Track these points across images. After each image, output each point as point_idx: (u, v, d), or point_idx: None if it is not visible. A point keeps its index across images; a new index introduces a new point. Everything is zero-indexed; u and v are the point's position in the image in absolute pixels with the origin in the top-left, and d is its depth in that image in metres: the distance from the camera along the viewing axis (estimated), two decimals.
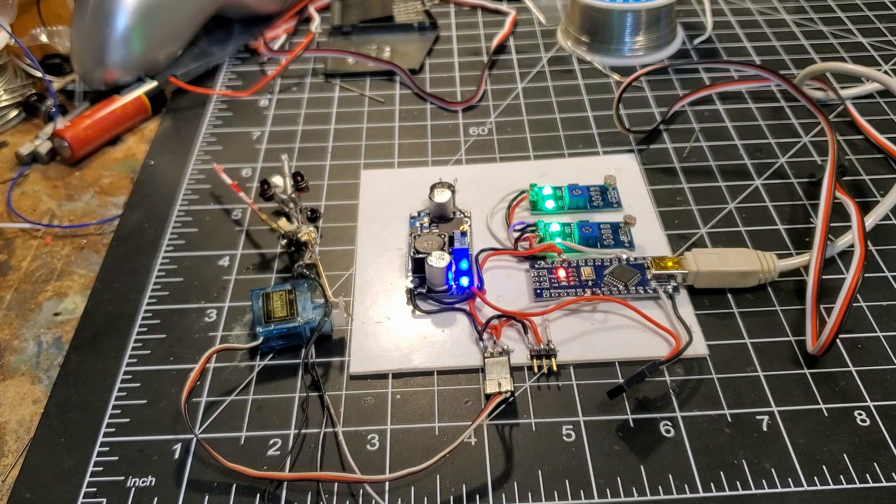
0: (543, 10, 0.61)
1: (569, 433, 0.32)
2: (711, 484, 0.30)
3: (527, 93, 0.52)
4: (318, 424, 0.32)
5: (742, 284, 0.37)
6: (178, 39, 0.55)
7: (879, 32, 0.57)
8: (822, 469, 0.30)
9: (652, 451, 0.31)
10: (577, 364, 0.34)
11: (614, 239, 0.39)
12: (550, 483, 0.30)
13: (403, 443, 0.32)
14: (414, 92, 0.53)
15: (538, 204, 0.42)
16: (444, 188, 0.41)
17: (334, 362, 0.35)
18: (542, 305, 0.36)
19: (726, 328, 0.35)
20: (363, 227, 0.42)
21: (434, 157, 0.47)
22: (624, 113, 0.49)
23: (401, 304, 0.37)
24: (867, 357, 0.34)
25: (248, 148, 0.49)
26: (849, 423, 0.31)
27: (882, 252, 0.39)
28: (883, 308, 0.36)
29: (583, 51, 0.56)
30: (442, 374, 0.34)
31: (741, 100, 0.50)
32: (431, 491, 0.30)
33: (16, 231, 0.45)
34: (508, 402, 0.33)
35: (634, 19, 0.54)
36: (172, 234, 0.42)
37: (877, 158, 0.45)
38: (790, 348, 0.34)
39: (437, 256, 0.36)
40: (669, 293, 0.37)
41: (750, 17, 0.59)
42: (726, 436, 0.31)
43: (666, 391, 0.33)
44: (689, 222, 0.41)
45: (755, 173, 0.44)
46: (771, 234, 0.40)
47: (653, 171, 0.45)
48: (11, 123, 0.53)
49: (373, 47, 0.57)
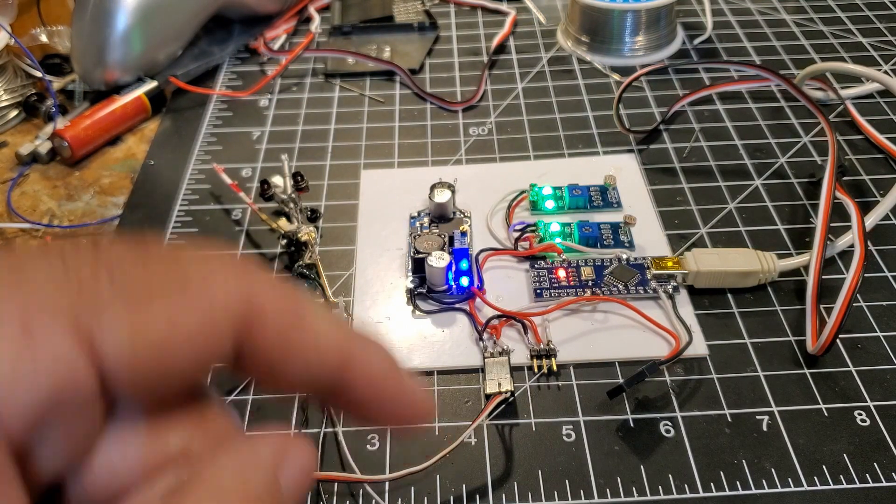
0: (543, 10, 0.61)
1: (569, 433, 0.32)
2: (711, 484, 0.30)
3: (527, 93, 0.52)
4: (318, 424, 0.32)
5: (742, 284, 0.37)
6: (178, 39, 0.55)
7: (879, 32, 0.57)
8: (822, 469, 0.30)
9: (652, 451, 0.31)
10: (577, 364, 0.34)
11: (614, 239, 0.39)
12: (550, 483, 0.30)
13: (403, 443, 0.32)
14: (414, 92, 0.53)
15: (538, 204, 0.42)
16: (444, 188, 0.41)
17: None
18: (542, 305, 0.36)
19: (726, 328, 0.35)
20: (363, 227, 0.42)
21: (434, 157, 0.47)
22: (624, 113, 0.49)
23: (401, 304, 0.37)
24: (867, 357, 0.34)
25: (248, 148, 0.49)
26: (849, 423, 0.31)
27: (882, 252, 0.39)
28: (883, 308, 0.36)
29: (583, 51, 0.56)
30: (442, 373, 0.34)
31: (741, 100, 0.50)
32: (431, 491, 0.30)
33: (16, 231, 0.45)
34: (508, 402, 0.33)
35: (634, 19, 0.54)
36: (172, 234, 0.42)
37: (877, 158, 0.45)
38: (790, 348, 0.34)
39: (437, 256, 0.36)
40: (669, 293, 0.37)
41: (750, 17, 0.59)
42: (726, 436, 0.31)
43: (666, 391, 0.33)
44: (689, 222, 0.41)
45: (755, 173, 0.44)
46: (771, 234, 0.40)
47: (653, 171, 0.45)
48: (11, 123, 0.53)
49: (373, 47, 0.57)
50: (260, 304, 0.15)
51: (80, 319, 0.13)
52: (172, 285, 0.14)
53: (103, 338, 0.13)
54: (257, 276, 0.16)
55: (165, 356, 0.14)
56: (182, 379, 0.15)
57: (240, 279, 0.15)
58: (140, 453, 0.15)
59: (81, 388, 0.14)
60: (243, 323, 0.15)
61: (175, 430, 0.15)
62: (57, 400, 0.13)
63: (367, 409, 0.17)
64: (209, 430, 0.15)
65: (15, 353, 0.13)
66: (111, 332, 0.13)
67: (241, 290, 0.15)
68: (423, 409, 0.18)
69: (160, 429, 0.15)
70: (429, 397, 0.18)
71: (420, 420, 0.18)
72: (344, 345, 0.16)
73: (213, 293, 0.15)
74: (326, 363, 0.16)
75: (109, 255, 0.14)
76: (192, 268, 0.15)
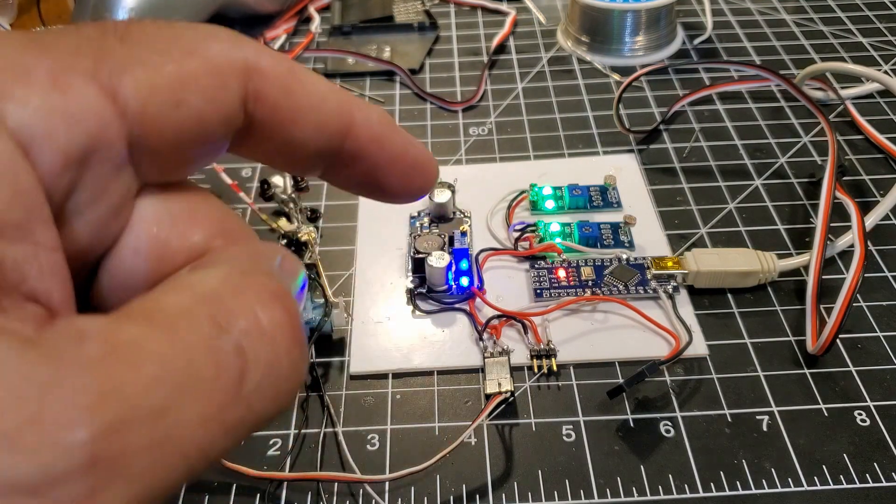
0: (543, 10, 0.61)
1: (569, 433, 0.32)
2: (711, 484, 0.30)
3: (527, 93, 0.52)
4: (319, 424, 0.32)
5: (742, 284, 0.37)
6: None
7: (879, 32, 0.57)
8: (822, 469, 0.30)
9: (652, 451, 0.31)
10: (576, 364, 0.34)
11: (614, 239, 0.40)
12: (550, 483, 0.30)
13: (403, 443, 0.32)
14: (414, 92, 0.53)
15: (538, 204, 0.42)
16: (444, 188, 0.41)
17: (334, 362, 0.35)
18: (542, 305, 0.36)
19: (726, 328, 0.36)
20: (363, 227, 0.42)
21: (434, 156, 0.47)
22: (624, 113, 0.49)
23: (401, 304, 0.37)
24: (867, 357, 0.34)
25: None
26: (849, 423, 0.31)
27: (882, 252, 0.39)
28: (883, 308, 0.36)
29: (583, 51, 0.56)
30: (442, 373, 0.34)
31: (741, 100, 0.50)
32: (431, 491, 0.30)
33: None
34: (508, 402, 0.33)
35: (634, 19, 0.54)
36: None
37: (877, 158, 0.45)
38: (790, 348, 0.34)
39: (437, 256, 0.36)
40: (669, 293, 0.37)
41: (750, 17, 0.59)
42: (726, 436, 0.31)
43: (666, 391, 0.33)
44: (689, 222, 0.41)
45: (755, 173, 0.44)
46: (771, 234, 0.40)
47: (653, 171, 0.45)
48: None
49: (373, 47, 0.57)
50: (260, 65, 0.16)
51: (102, 76, 0.14)
52: (180, 47, 0.15)
53: (126, 93, 0.14)
54: (253, 42, 0.16)
55: (183, 103, 0.15)
56: (201, 134, 0.15)
57: (238, 43, 0.16)
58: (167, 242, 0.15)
59: (112, 142, 0.14)
60: (247, 78, 0.16)
61: (199, 226, 0.16)
62: (91, 148, 0.14)
63: (374, 170, 0.18)
64: (228, 231, 0.16)
65: (48, 100, 0.13)
66: (132, 86, 0.14)
67: (241, 52, 0.16)
68: (428, 162, 0.19)
69: (184, 222, 0.16)
70: (429, 153, 0.19)
71: (427, 174, 0.19)
72: (344, 104, 0.17)
73: (216, 52, 0.15)
74: (331, 124, 0.16)
75: (117, 26, 0.15)
76: (193, 33, 0.16)
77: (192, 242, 0.16)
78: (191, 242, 0.16)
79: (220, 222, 0.16)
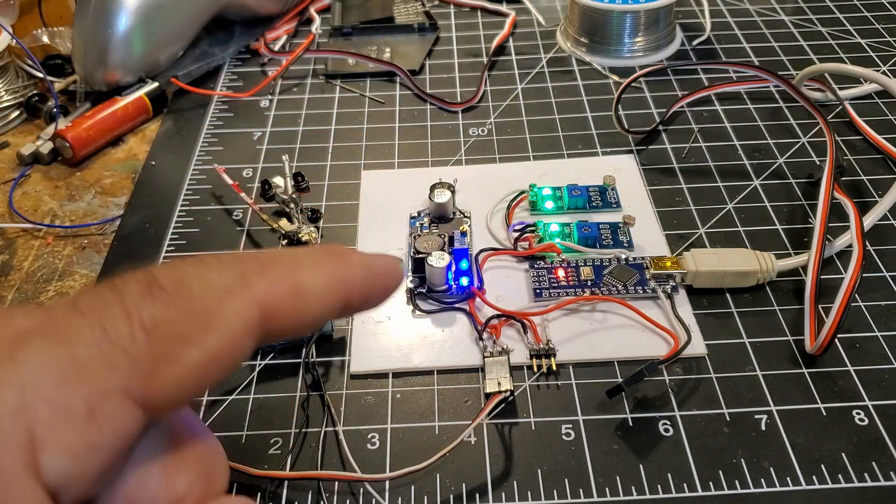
0: (543, 11, 0.61)
1: (568, 432, 0.32)
2: (710, 483, 0.30)
3: (526, 93, 0.52)
4: (319, 423, 0.33)
5: (741, 284, 0.37)
6: (179, 40, 0.55)
7: (878, 33, 0.57)
8: (820, 468, 0.30)
9: (651, 451, 0.31)
10: (576, 364, 0.34)
11: (613, 239, 0.40)
12: (550, 482, 0.30)
13: (403, 442, 0.32)
14: (414, 93, 0.53)
15: (538, 204, 0.42)
16: (444, 188, 0.41)
17: (335, 361, 0.35)
18: (541, 305, 0.37)
19: (725, 328, 0.36)
20: (363, 228, 0.42)
21: (434, 157, 0.47)
22: (623, 114, 0.50)
23: (401, 304, 0.38)
24: (865, 357, 0.34)
25: (248, 148, 0.49)
26: (847, 423, 0.31)
27: (880, 252, 0.39)
28: (881, 308, 0.36)
29: (582, 52, 0.56)
30: (442, 373, 0.35)
31: (740, 100, 0.50)
32: (431, 490, 0.30)
33: (17, 231, 0.45)
34: (508, 401, 0.33)
35: (633, 20, 0.54)
36: (173, 234, 0.43)
37: (875, 159, 0.45)
38: (789, 348, 0.35)
39: (437, 256, 0.36)
40: (668, 293, 0.37)
41: (748, 18, 0.60)
42: (725, 435, 0.31)
43: (665, 390, 0.33)
44: (688, 222, 0.41)
45: (754, 174, 0.44)
46: (769, 234, 0.40)
47: (652, 172, 0.45)
48: (13, 124, 0.53)
49: (373, 48, 0.58)
50: (271, 307, 0.18)
51: (134, 389, 0.16)
52: (197, 324, 0.17)
53: (155, 400, 0.17)
54: (258, 279, 0.19)
55: (206, 381, 0.18)
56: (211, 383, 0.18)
57: (247, 292, 0.18)
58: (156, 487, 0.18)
59: (134, 437, 0.17)
60: (260, 324, 0.18)
61: (184, 473, 0.18)
62: (117, 460, 0.17)
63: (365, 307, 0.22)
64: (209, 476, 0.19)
65: (84, 437, 0.15)
66: (159, 394, 0.17)
67: (252, 308, 0.18)
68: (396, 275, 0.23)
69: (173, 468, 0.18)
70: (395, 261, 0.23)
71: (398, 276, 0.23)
72: (340, 291, 0.20)
73: (230, 322, 0.18)
74: (333, 310, 0.20)
75: (133, 302, 0.17)
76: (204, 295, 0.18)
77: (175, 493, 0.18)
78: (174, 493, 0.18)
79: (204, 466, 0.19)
